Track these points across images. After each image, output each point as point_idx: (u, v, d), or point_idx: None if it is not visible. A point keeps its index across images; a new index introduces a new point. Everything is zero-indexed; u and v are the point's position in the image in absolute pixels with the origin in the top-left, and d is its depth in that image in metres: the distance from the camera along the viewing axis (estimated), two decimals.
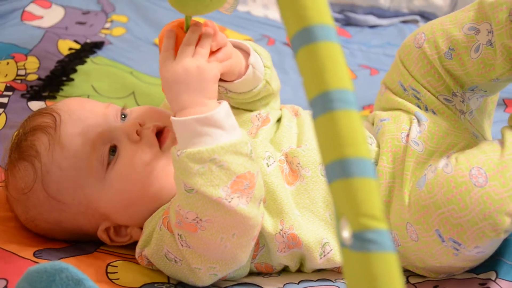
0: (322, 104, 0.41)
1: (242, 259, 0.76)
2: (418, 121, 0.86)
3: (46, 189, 0.80)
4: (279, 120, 0.90)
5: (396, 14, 1.65)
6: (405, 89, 0.90)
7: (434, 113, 0.87)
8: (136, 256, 0.81)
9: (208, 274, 0.75)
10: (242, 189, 0.70)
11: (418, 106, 0.88)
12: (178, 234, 0.74)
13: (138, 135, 0.80)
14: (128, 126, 0.81)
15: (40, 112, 0.85)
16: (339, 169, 0.41)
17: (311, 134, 0.86)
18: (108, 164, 0.80)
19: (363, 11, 1.66)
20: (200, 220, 0.70)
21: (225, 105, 0.72)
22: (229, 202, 0.69)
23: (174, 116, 0.73)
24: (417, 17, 1.64)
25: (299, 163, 0.83)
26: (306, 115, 0.92)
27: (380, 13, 1.65)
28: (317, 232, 0.80)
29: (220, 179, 0.69)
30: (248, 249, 0.76)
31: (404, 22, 1.63)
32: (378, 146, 0.87)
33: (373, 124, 0.93)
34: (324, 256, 0.80)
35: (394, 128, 0.86)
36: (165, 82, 0.74)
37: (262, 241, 0.81)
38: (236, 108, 0.89)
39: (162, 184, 0.80)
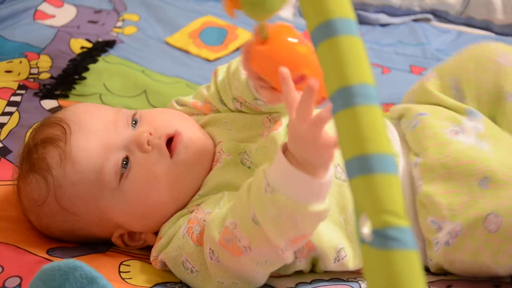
0: (343, 99, 0.41)
1: (264, 279, 0.78)
2: (472, 117, 0.86)
3: (59, 202, 0.80)
4: None
5: (408, 12, 1.64)
6: (454, 88, 0.90)
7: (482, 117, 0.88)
8: (151, 259, 0.81)
9: (229, 287, 0.76)
10: (298, 244, 0.73)
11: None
12: (210, 249, 0.74)
13: (149, 145, 0.79)
14: (139, 136, 0.80)
15: (49, 122, 0.84)
16: (360, 165, 0.41)
17: None
18: (121, 176, 0.79)
19: (375, 10, 1.65)
20: (250, 249, 0.71)
21: (330, 175, 0.69)
22: (283, 253, 0.71)
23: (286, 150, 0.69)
24: (429, 16, 1.62)
25: None
26: None
27: (392, 11, 1.64)
28: (332, 237, 0.80)
29: (287, 232, 0.70)
30: (270, 272, 0.78)
31: (415, 20, 1.61)
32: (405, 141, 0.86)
33: (400, 117, 0.92)
34: (338, 261, 0.80)
35: (435, 125, 0.85)
36: (296, 134, 0.68)
37: None
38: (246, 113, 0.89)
39: (175, 194, 0.81)
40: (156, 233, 0.83)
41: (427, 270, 0.84)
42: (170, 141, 0.82)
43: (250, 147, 0.83)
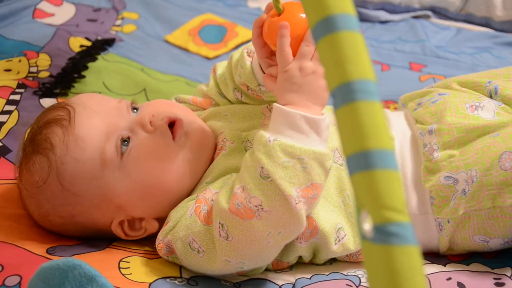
0: (344, 95, 0.41)
1: (270, 260, 0.77)
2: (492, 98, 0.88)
3: (60, 181, 0.80)
4: None
5: (408, 9, 1.64)
6: (489, 83, 0.91)
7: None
8: (156, 243, 0.80)
9: (236, 266, 0.76)
10: (309, 197, 0.72)
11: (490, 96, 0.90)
12: (219, 223, 0.74)
13: (151, 125, 0.81)
14: (141, 117, 0.82)
15: (54, 107, 0.85)
16: (361, 161, 0.41)
17: None
18: (122, 154, 0.80)
19: (374, 7, 1.65)
20: (262, 208, 0.71)
21: (328, 117, 0.74)
22: (296, 203, 0.71)
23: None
24: (429, 12, 1.62)
25: None
26: None
27: (391, 8, 1.64)
28: (332, 218, 0.81)
29: (298, 179, 0.71)
30: (279, 251, 0.77)
31: (415, 17, 1.62)
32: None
33: (416, 98, 0.94)
34: (339, 241, 0.81)
35: (457, 100, 0.87)
36: (280, 78, 0.75)
37: None
38: (246, 103, 0.89)
39: (177, 175, 0.81)
40: (157, 220, 0.83)
41: (431, 257, 0.84)
42: (171, 126, 0.83)
43: (252, 135, 0.84)
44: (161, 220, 0.82)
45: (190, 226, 0.76)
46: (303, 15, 0.75)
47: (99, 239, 0.85)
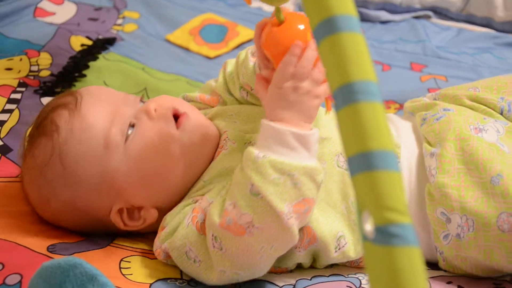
0: (345, 96, 0.41)
1: (265, 270, 0.77)
2: (498, 121, 0.87)
3: (63, 161, 0.80)
4: None
5: (408, 9, 1.64)
6: (502, 100, 0.90)
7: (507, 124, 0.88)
8: (154, 249, 0.80)
9: (231, 277, 0.76)
10: (301, 212, 0.72)
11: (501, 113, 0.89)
12: (212, 235, 0.74)
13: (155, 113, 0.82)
14: (147, 105, 0.83)
15: (61, 95, 0.87)
16: (363, 162, 0.41)
17: (326, 126, 0.86)
18: (126, 138, 0.81)
19: (375, 7, 1.65)
20: (253, 226, 0.71)
21: (317, 132, 0.75)
22: (288, 219, 0.71)
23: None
24: (430, 13, 1.62)
25: None
26: (321, 110, 0.92)
27: (392, 8, 1.64)
28: (333, 225, 0.80)
29: (289, 195, 0.71)
30: (273, 261, 0.77)
31: (416, 17, 1.62)
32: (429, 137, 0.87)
33: (421, 110, 0.92)
34: (339, 249, 0.80)
35: (460, 120, 0.86)
36: (273, 93, 0.75)
37: None
38: (252, 104, 0.90)
39: (178, 164, 0.81)
40: (156, 209, 0.83)
41: (433, 264, 0.84)
42: (175, 118, 0.84)
43: (255, 138, 0.84)
44: (160, 211, 0.82)
45: (187, 235, 0.76)
46: (302, 27, 0.74)
47: (100, 236, 0.85)
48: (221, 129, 0.88)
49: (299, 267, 0.84)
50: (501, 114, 0.89)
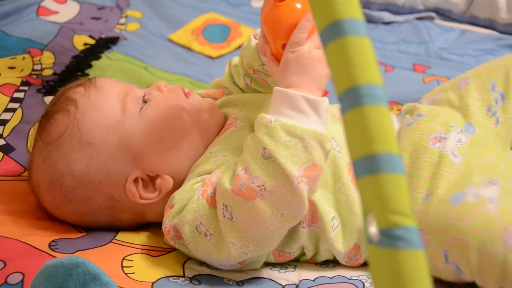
0: (351, 99, 0.41)
1: (273, 245, 0.78)
2: (463, 131, 0.87)
3: (80, 130, 0.82)
4: None
5: (411, 10, 1.64)
6: (493, 90, 0.91)
7: (497, 123, 0.89)
8: (163, 227, 0.80)
9: (240, 251, 0.76)
10: (311, 177, 0.73)
11: (489, 110, 0.90)
12: (223, 205, 0.74)
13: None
14: (157, 83, 0.88)
15: (71, 84, 0.89)
16: (368, 165, 0.41)
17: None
18: (141, 108, 0.84)
19: (378, 8, 1.65)
20: (264, 188, 0.72)
21: (327, 101, 0.76)
22: (298, 183, 0.71)
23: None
24: (433, 14, 1.62)
25: None
26: None
27: (395, 9, 1.64)
28: (327, 205, 0.82)
29: (299, 158, 0.72)
30: (282, 236, 0.77)
31: (419, 18, 1.61)
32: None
33: (406, 113, 0.94)
34: (335, 229, 0.82)
35: (425, 128, 0.87)
36: (286, 59, 0.77)
37: None
38: (256, 91, 0.92)
39: (190, 130, 0.84)
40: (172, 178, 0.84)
41: None
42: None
43: None
44: (175, 179, 0.84)
45: (198, 209, 0.77)
46: (300, 6, 0.77)
47: (103, 230, 0.85)
48: (228, 115, 0.91)
49: (302, 260, 0.84)
50: (489, 110, 0.90)
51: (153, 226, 0.89)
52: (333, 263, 0.86)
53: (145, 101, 0.85)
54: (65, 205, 0.84)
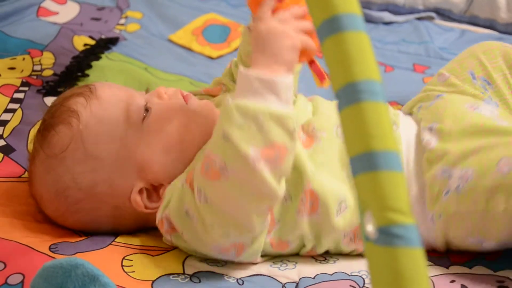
0: (349, 95, 0.41)
1: (256, 227, 0.76)
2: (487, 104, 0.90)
3: (84, 144, 0.81)
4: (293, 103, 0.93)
5: (412, 10, 1.64)
6: (474, 78, 0.93)
7: (497, 106, 0.90)
8: (157, 221, 0.81)
9: (221, 232, 0.76)
10: (271, 158, 0.72)
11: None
12: (197, 188, 0.75)
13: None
14: (156, 90, 0.88)
15: (70, 90, 0.89)
16: (365, 162, 0.41)
17: (325, 110, 0.89)
18: (143, 118, 0.84)
19: (378, 8, 1.65)
20: (226, 169, 0.72)
21: (289, 78, 0.75)
22: (255, 163, 0.71)
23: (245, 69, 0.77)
24: (433, 14, 1.62)
25: (314, 128, 0.86)
26: (320, 98, 0.95)
27: (395, 9, 1.64)
28: (335, 189, 0.82)
29: (254, 139, 0.71)
30: (263, 218, 0.76)
31: (419, 19, 1.61)
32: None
33: (415, 105, 0.95)
34: (340, 213, 0.81)
35: (456, 100, 0.89)
36: (254, 34, 0.78)
37: (277, 217, 0.81)
38: None
39: (192, 133, 0.84)
40: None
41: (434, 252, 0.85)
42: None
43: None
44: None
45: (183, 195, 0.77)
46: None
47: (103, 234, 0.85)
48: None
49: (301, 261, 0.84)
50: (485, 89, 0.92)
51: (152, 230, 0.88)
52: (333, 258, 0.86)
53: (146, 110, 0.85)
54: (69, 214, 0.84)
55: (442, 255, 0.86)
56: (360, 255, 0.86)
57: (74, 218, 0.84)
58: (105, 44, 1.34)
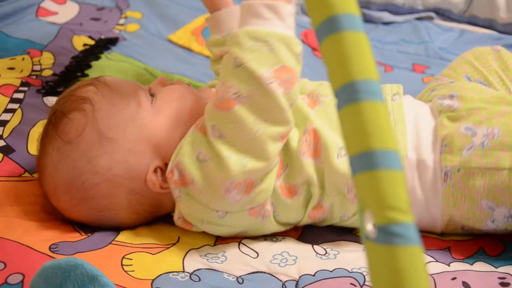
0: (347, 95, 0.41)
1: (271, 155, 0.78)
2: None
3: (99, 126, 0.83)
4: None
5: (411, 10, 1.64)
6: (471, 81, 0.95)
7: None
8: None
9: (238, 163, 0.77)
10: (283, 79, 0.76)
11: None
12: (211, 125, 0.78)
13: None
14: (158, 79, 0.92)
15: (80, 81, 0.94)
16: (364, 161, 0.41)
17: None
18: (152, 102, 0.87)
19: (378, 8, 1.65)
20: (240, 95, 0.76)
21: (291, 6, 0.78)
22: (269, 83, 0.75)
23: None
24: (432, 14, 1.62)
25: (318, 93, 0.91)
26: (326, 82, 0.97)
27: (395, 9, 1.64)
28: (333, 135, 0.84)
29: (267, 60, 0.75)
30: (277, 146, 0.78)
31: (419, 19, 1.62)
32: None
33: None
34: (341, 156, 0.83)
35: (471, 84, 0.93)
36: None
37: (286, 160, 0.84)
38: None
39: (201, 110, 0.85)
40: None
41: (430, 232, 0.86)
42: None
43: None
44: None
45: (194, 140, 0.80)
46: None
47: (103, 231, 0.85)
48: None
49: (301, 256, 0.84)
50: None
51: (153, 224, 0.89)
52: (334, 251, 0.86)
53: (152, 95, 0.88)
54: (84, 203, 0.84)
55: (443, 249, 0.86)
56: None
57: (89, 206, 0.84)
58: (104, 44, 1.34)
